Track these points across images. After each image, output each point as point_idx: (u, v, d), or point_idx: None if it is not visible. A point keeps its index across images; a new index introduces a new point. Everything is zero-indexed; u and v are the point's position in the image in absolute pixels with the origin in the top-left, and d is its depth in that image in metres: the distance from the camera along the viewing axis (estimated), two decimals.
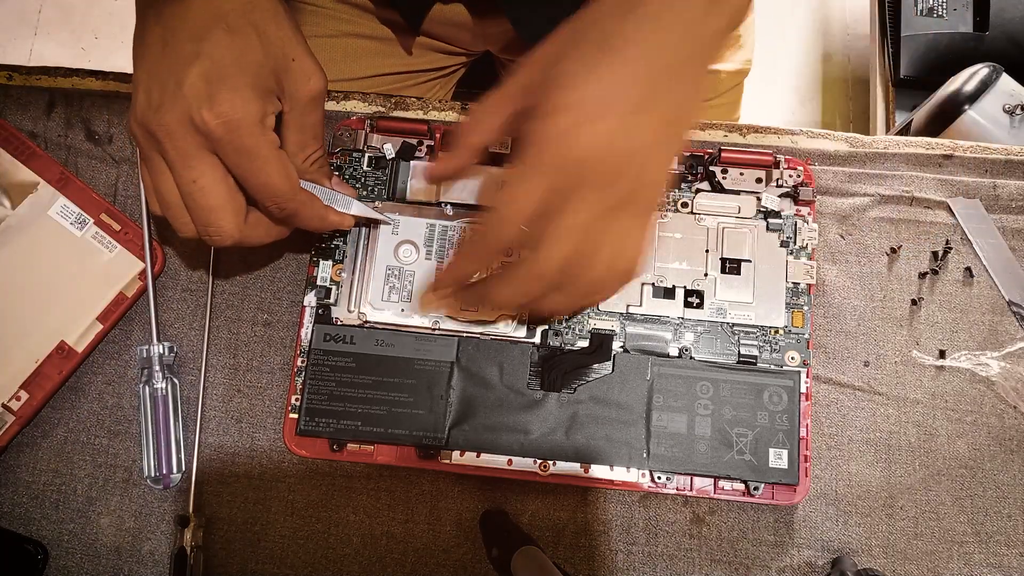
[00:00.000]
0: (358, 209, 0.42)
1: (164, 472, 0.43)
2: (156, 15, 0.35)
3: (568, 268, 0.33)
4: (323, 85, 0.37)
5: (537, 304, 0.36)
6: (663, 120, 0.33)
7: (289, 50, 0.36)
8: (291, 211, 0.37)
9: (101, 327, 0.44)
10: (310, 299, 0.44)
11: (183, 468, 0.44)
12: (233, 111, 0.34)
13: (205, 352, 0.45)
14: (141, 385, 0.44)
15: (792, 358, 0.43)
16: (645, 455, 0.42)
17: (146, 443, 0.43)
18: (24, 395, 0.43)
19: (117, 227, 0.45)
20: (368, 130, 0.47)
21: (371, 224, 0.45)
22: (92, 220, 0.45)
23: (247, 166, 0.35)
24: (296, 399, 0.43)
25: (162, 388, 0.43)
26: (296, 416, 0.43)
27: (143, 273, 0.45)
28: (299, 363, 0.44)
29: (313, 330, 0.44)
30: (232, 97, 0.34)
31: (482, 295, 0.39)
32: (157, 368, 0.44)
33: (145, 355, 0.44)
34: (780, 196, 0.45)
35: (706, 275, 0.44)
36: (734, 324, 0.44)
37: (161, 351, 0.44)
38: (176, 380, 0.44)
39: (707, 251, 0.45)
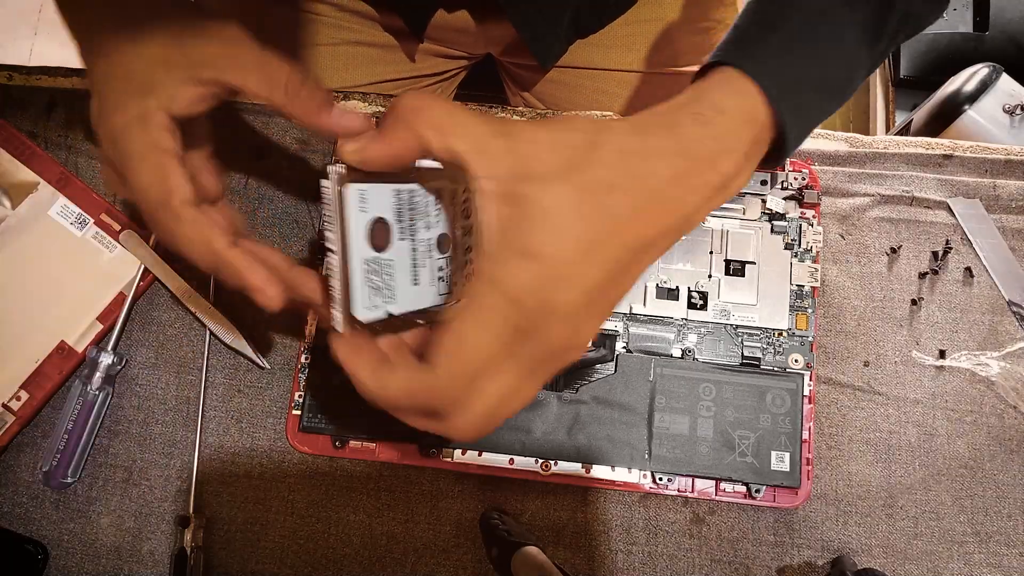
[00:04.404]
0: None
1: (59, 472, 0.42)
2: None
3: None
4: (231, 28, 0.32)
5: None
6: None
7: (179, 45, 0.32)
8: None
9: (101, 327, 0.44)
10: None
11: (77, 476, 0.43)
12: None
13: (206, 352, 0.45)
14: (80, 382, 0.43)
15: (795, 361, 0.43)
16: (647, 456, 0.42)
17: (57, 437, 0.43)
18: (24, 395, 0.43)
19: (117, 227, 0.45)
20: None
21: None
22: (92, 220, 0.45)
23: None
24: (299, 396, 0.43)
25: (95, 395, 0.43)
26: (299, 413, 0.43)
27: (144, 273, 0.45)
28: (303, 360, 0.44)
29: (317, 327, 0.44)
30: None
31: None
32: (99, 374, 0.43)
33: (93, 356, 0.43)
34: (785, 199, 0.45)
35: (710, 276, 0.44)
36: (737, 326, 0.44)
37: (109, 360, 0.43)
38: (111, 391, 0.44)
39: (711, 252, 0.45)
